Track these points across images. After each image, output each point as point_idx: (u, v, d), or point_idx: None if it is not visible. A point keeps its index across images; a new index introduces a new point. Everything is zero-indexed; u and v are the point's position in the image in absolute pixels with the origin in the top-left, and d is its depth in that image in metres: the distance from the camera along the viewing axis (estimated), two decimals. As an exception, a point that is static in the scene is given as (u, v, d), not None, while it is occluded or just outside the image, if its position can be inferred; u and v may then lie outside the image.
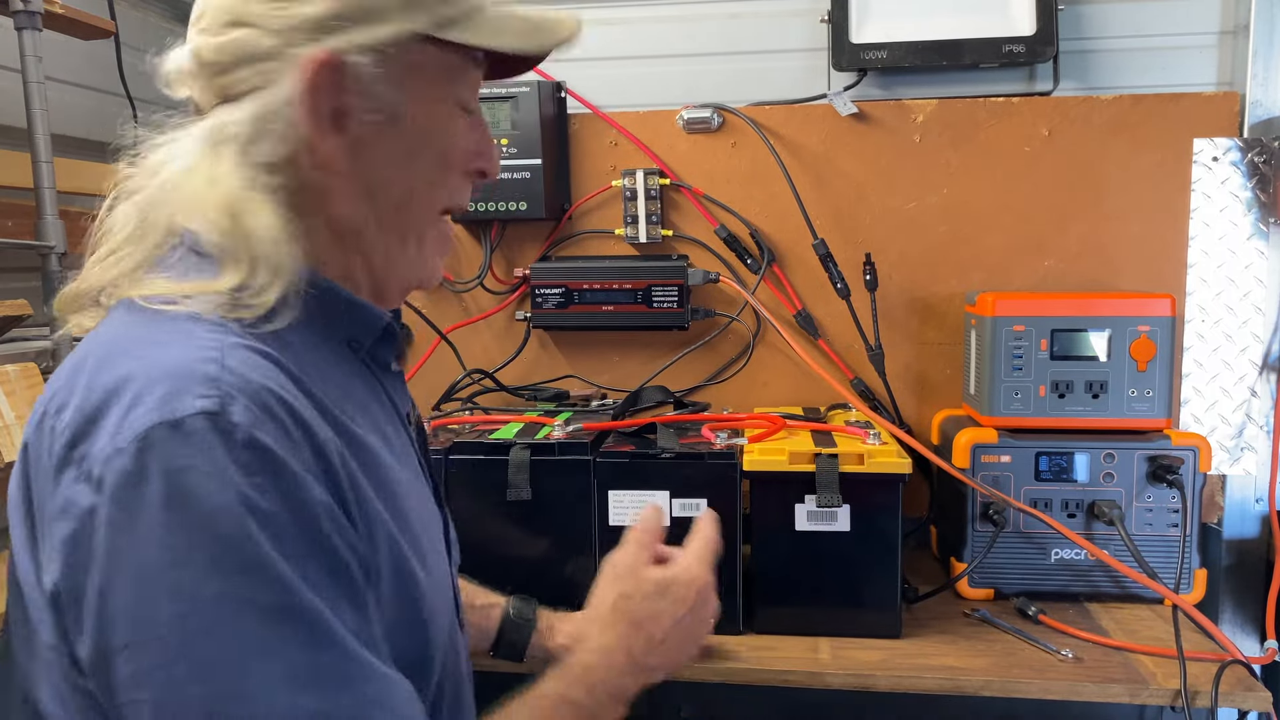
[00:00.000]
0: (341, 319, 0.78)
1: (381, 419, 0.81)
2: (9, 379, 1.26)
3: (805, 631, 1.42)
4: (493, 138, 0.85)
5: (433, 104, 0.79)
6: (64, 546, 0.61)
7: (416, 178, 0.79)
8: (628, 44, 1.91)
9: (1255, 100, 1.69)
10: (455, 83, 0.80)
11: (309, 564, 0.62)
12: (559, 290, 1.81)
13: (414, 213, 0.81)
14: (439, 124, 0.79)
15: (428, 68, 0.77)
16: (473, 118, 0.83)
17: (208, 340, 0.66)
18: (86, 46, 1.58)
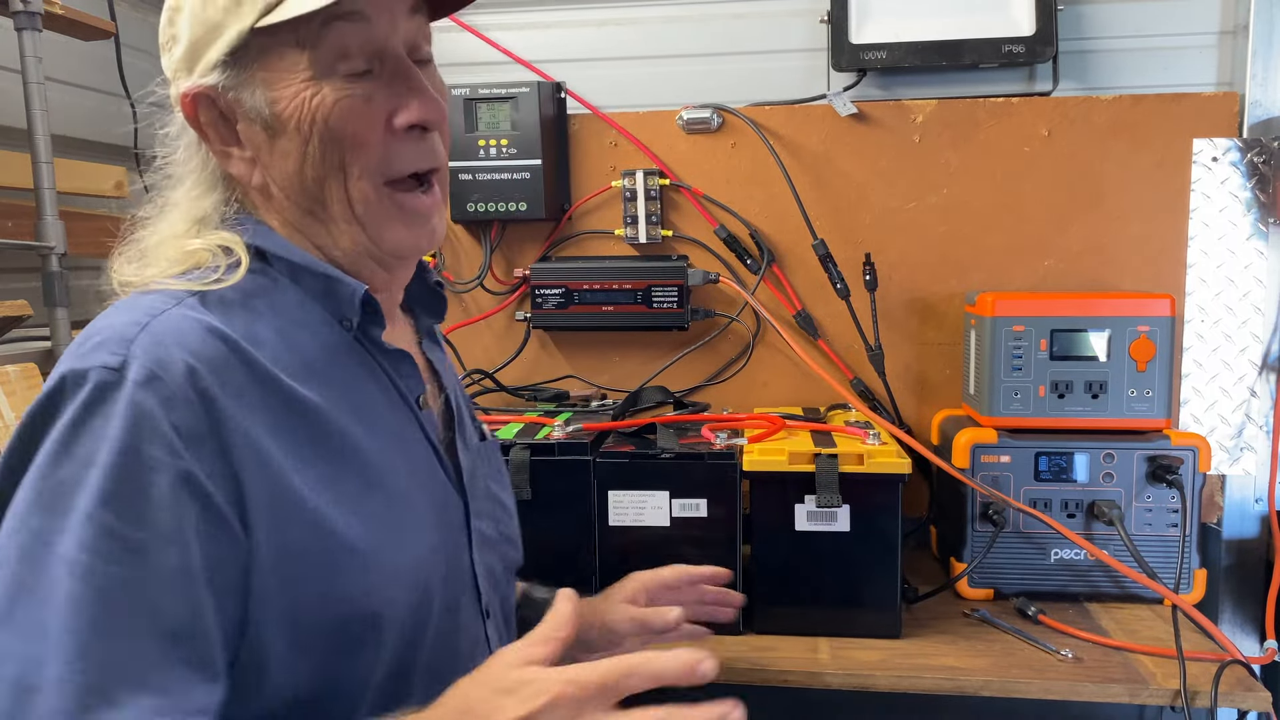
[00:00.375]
0: (323, 291, 0.82)
1: (374, 396, 0.83)
2: (9, 379, 1.26)
3: (805, 631, 1.42)
4: (419, 85, 0.80)
5: (295, 87, 0.78)
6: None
7: (315, 166, 0.79)
8: (628, 44, 1.91)
9: (1255, 100, 1.69)
10: (318, 57, 0.77)
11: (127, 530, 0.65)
12: (559, 290, 1.81)
13: (327, 198, 0.81)
14: (306, 104, 0.78)
15: (282, 56, 0.78)
16: (379, 76, 0.80)
17: (152, 306, 0.74)
18: (86, 46, 1.58)
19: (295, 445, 0.74)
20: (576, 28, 1.91)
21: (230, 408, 0.71)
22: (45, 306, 1.39)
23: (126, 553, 0.65)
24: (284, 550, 0.72)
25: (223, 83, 0.78)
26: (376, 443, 0.80)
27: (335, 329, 0.83)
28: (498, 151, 1.79)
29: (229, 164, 0.82)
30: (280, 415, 0.74)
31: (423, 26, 0.83)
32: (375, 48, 0.79)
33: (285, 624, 0.72)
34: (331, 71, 0.78)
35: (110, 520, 0.65)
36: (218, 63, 0.78)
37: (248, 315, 0.77)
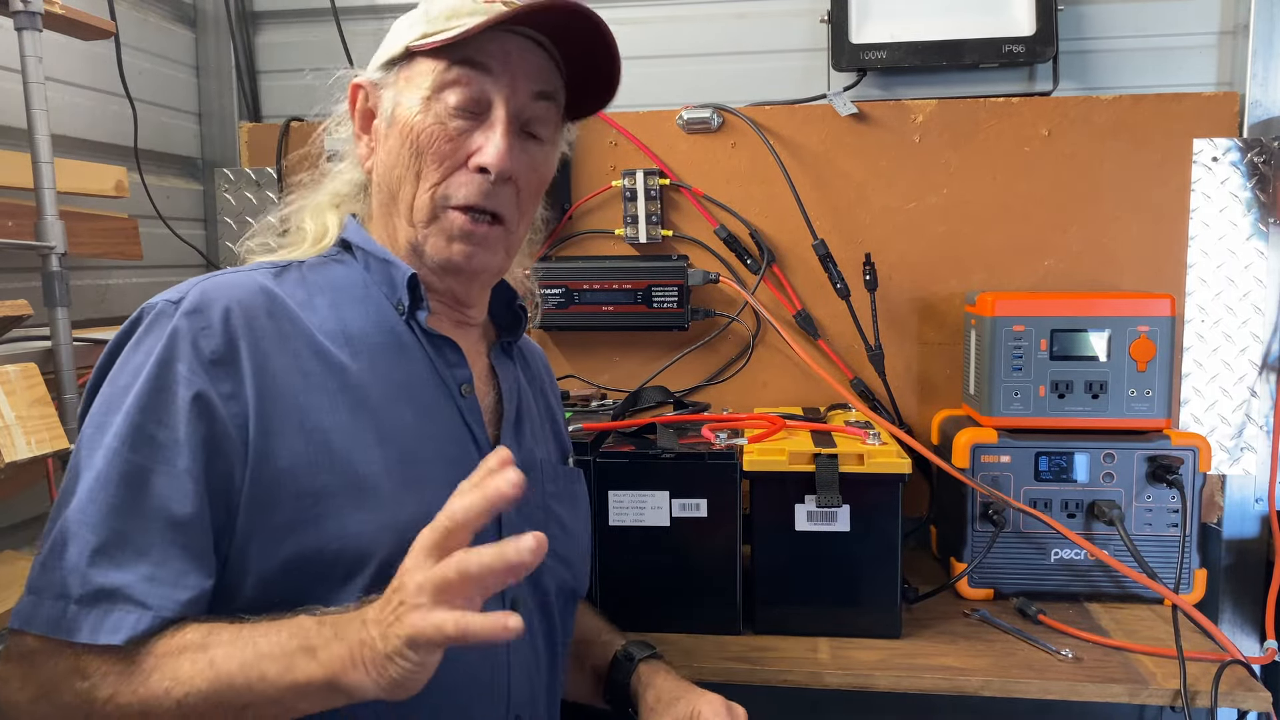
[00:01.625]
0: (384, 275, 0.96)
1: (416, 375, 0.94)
2: (9, 379, 1.25)
3: (805, 631, 1.42)
4: (501, 137, 0.92)
5: (412, 103, 0.93)
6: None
7: (399, 168, 0.93)
8: (628, 44, 1.87)
9: (1255, 100, 1.69)
10: (440, 86, 0.92)
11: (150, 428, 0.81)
12: (559, 290, 1.81)
13: (400, 197, 0.94)
14: (411, 118, 0.92)
15: (418, 74, 0.93)
16: (476, 118, 0.93)
17: (230, 272, 0.91)
18: (86, 46, 1.58)
19: (321, 389, 0.87)
20: (576, 28, 1.91)
21: (255, 346, 0.85)
22: (45, 306, 1.38)
23: (148, 446, 0.80)
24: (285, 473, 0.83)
25: (377, 80, 0.97)
26: (400, 411, 0.90)
27: (389, 311, 0.95)
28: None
29: (359, 146, 0.99)
30: (310, 365, 0.87)
31: (549, 111, 0.96)
32: (486, 98, 0.92)
33: (270, 540, 0.82)
34: (440, 99, 0.92)
35: (140, 418, 0.80)
36: (381, 65, 0.97)
37: (311, 288, 0.93)
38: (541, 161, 0.98)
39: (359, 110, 0.99)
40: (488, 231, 0.94)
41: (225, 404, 0.82)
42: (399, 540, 0.81)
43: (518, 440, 1.02)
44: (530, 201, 0.98)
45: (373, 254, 0.96)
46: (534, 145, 0.96)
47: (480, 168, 0.91)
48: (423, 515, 0.81)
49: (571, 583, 1.06)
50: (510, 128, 0.92)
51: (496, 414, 1.02)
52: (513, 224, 0.96)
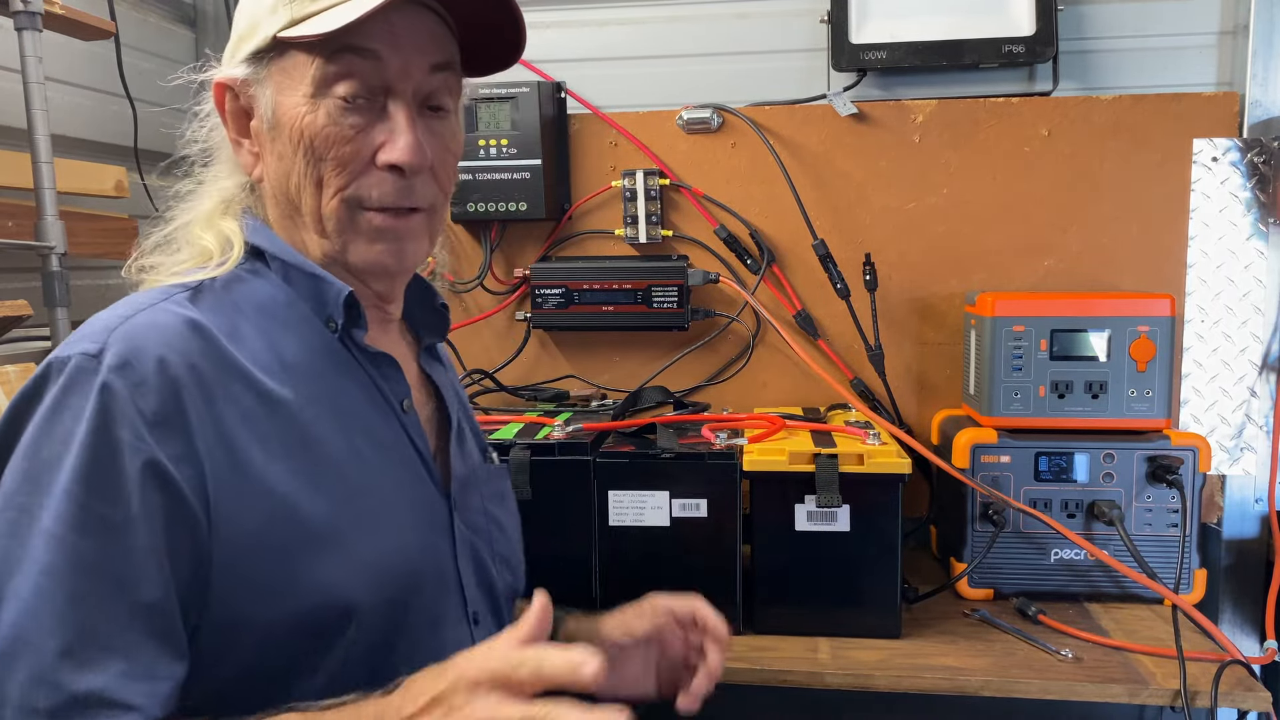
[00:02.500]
0: (311, 291, 0.86)
1: (354, 396, 0.86)
2: (9, 379, 1.26)
3: (805, 631, 1.42)
4: (407, 128, 0.83)
5: (295, 101, 0.82)
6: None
7: (294, 175, 0.84)
8: (628, 44, 1.91)
9: (1255, 100, 1.69)
10: (325, 78, 0.82)
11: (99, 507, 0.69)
12: (559, 290, 1.81)
13: (302, 207, 0.85)
14: (299, 118, 0.82)
15: (295, 68, 0.83)
16: (371, 109, 0.83)
17: (140, 302, 0.78)
18: (86, 46, 1.58)
19: (264, 437, 0.77)
20: (576, 28, 1.91)
21: (198, 397, 0.74)
22: (45, 306, 1.39)
23: (99, 528, 0.69)
24: (250, 535, 0.75)
25: (246, 77, 0.85)
26: (349, 440, 0.83)
27: (320, 329, 0.86)
28: (498, 151, 1.79)
29: (239, 154, 0.88)
30: (251, 408, 0.77)
31: (448, 81, 0.87)
32: (380, 84, 0.83)
33: (253, 607, 0.75)
34: (328, 94, 0.82)
35: (84, 496, 0.69)
36: (246, 58, 0.84)
37: (233, 312, 0.81)
38: (451, 135, 0.89)
39: (230, 112, 0.87)
40: (410, 223, 0.86)
41: (178, 468, 0.72)
42: (373, 580, 0.80)
43: (462, 451, 0.97)
44: (449, 179, 0.90)
45: (294, 265, 0.86)
46: (439, 121, 0.87)
47: (391, 165, 0.83)
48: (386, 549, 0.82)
49: (514, 584, 1.03)
50: (412, 113, 0.84)
51: (434, 424, 0.96)
52: (435, 208, 0.89)
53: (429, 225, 0.89)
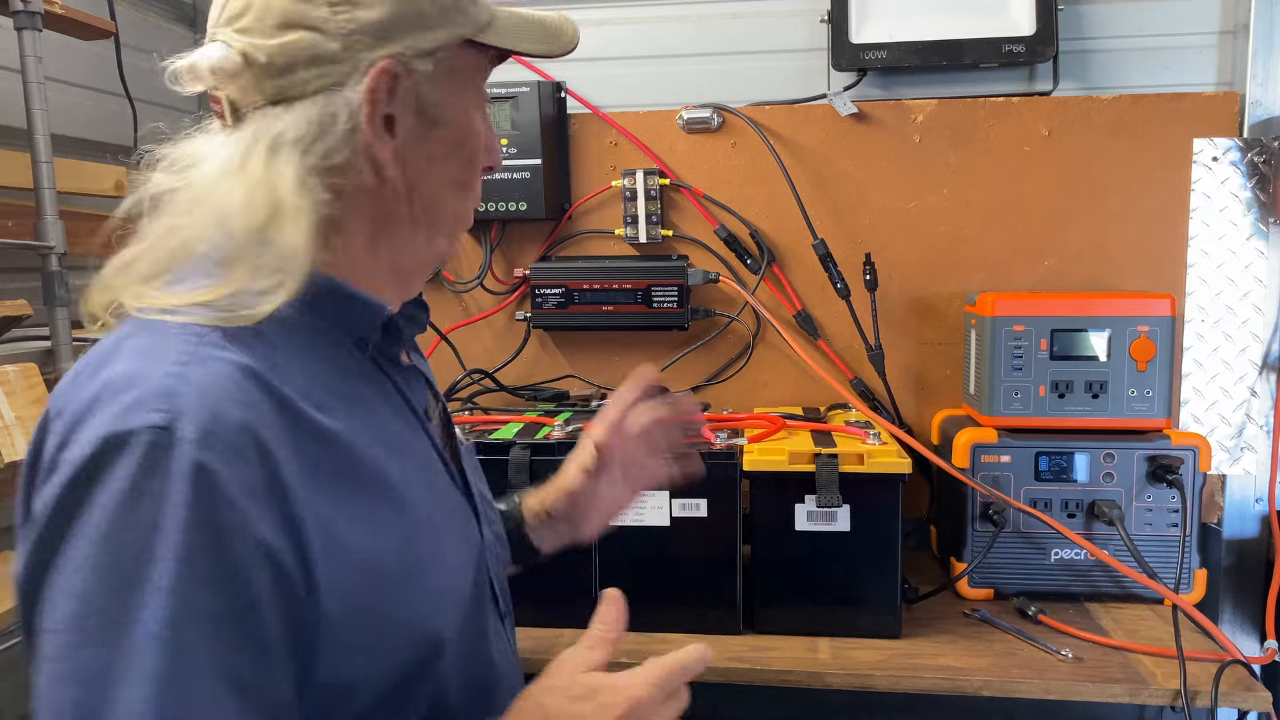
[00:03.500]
0: (342, 314, 0.78)
1: (388, 416, 0.81)
2: (9, 379, 1.26)
3: (805, 631, 1.42)
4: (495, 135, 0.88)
5: (466, 106, 0.82)
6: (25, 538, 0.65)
7: (448, 177, 0.82)
8: (628, 44, 1.91)
9: (1255, 100, 1.69)
10: (480, 83, 0.84)
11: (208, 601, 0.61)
12: (559, 290, 1.81)
13: (444, 210, 0.83)
14: (469, 124, 0.82)
15: (463, 71, 0.81)
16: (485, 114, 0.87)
17: (178, 352, 0.67)
18: (86, 46, 1.58)
19: (330, 483, 0.71)
20: (576, 28, 1.91)
21: (283, 457, 0.67)
22: (45, 306, 1.39)
23: (211, 624, 0.62)
24: (346, 593, 0.69)
25: (419, 70, 0.77)
26: (399, 464, 0.78)
27: (347, 351, 0.79)
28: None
29: (380, 148, 0.76)
30: (313, 452, 0.70)
31: None
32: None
33: (355, 667, 0.70)
34: (480, 101, 0.84)
35: (191, 591, 0.61)
36: (425, 51, 0.77)
37: (266, 346, 0.71)
38: None
39: (384, 98, 0.75)
40: None
41: (281, 541, 0.65)
42: (451, 604, 0.80)
43: (452, 444, 0.95)
44: None
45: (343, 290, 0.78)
46: None
47: (489, 167, 0.87)
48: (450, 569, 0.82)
49: (508, 558, 1.07)
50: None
51: (439, 422, 0.94)
52: None
53: None
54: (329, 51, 0.74)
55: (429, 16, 0.77)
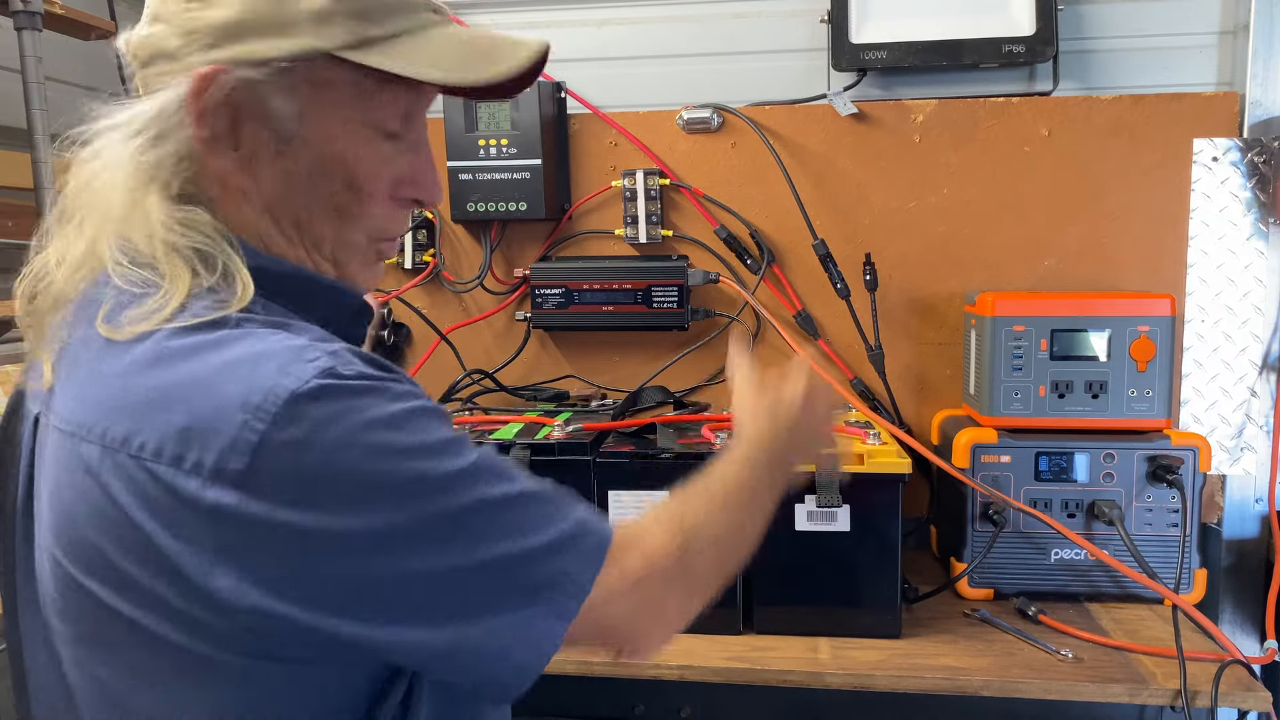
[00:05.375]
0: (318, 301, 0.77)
1: None
2: (9, 379, 1.26)
3: (805, 631, 1.42)
4: (433, 164, 0.81)
5: (338, 127, 0.74)
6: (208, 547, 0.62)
7: (318, 202, 0.76)
8: (628, 44, 1.91)
9: (1255, 100, 1.69)
10: (371, 106, 0.75)
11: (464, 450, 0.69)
12: (559, 290, 1.81)
13: (322, 236, 0.77)
14: (342, 148, 0.75)
15: (334, 88, 0.74)
16: (405, 142, 0.78)
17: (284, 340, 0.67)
18: (86, 46, 1.58)
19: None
20: (576, 28, 1.91)
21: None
22: (45, 306, 1.39)
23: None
24: None
25: (257, 78, 0.71)
26: None
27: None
28: (498, 151, 1.79)
29: (214, 157, 0.73)
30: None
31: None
32: (410, 113, 0.78)
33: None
34: (370, 124, 0.76)
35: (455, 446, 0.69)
36: (265, 59, 0.71)
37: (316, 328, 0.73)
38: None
39: (210, 108, 0.71)
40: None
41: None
42: None
43: None
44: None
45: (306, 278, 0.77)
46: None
47: (416, 200, 0.80)
48: None
49: None
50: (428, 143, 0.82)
51: None
52: None
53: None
54: (169, 49, 0.72)
55: (280, 25, 0.71)
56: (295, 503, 0.61)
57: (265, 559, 0.62)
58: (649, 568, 0.76)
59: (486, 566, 0.68)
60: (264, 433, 0.61)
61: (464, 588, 0.67)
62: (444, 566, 0.66)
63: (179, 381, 0.64)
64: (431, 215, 1.89)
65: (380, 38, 0.73)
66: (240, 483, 0.61)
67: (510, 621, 0.68)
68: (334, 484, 0.62)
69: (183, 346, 0.66)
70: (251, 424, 0.61)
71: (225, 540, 0.62)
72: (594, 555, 0.73)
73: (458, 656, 0.68)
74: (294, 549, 0.62)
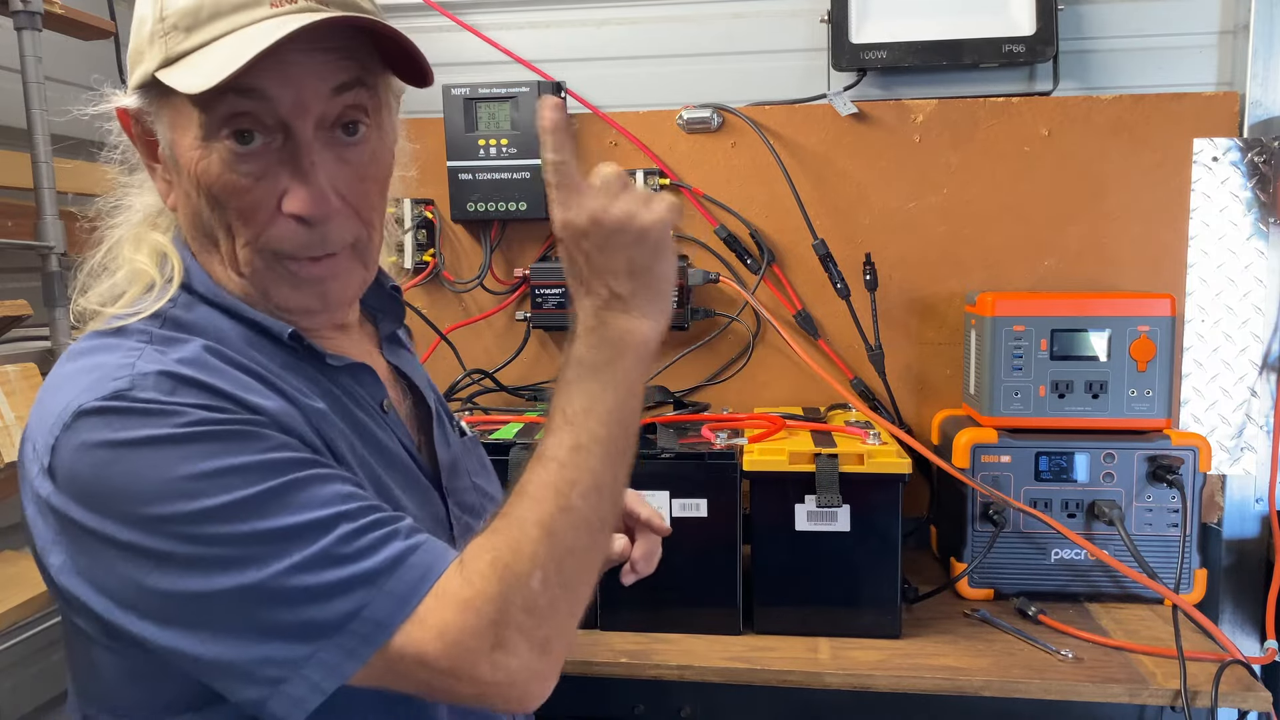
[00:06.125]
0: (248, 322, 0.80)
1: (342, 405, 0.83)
2: (9, 379, 1.26)
3: (805, 631, 1.42)
4: (305, 171, 0.75)
5: (188, 145, 0.75)
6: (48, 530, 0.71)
7: (205, 217, 0.77)
8: (628, 44, 1.91)
9: (1255, 100, 1.69)
10: (207, 120, 0.73)
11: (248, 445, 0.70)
12: (559, 290, 1.81)
13: (225, 250, 0.78)
14: (201, 172, 0.75)
15: (180, 106, 0.75)
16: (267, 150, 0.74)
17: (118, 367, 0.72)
18: (86, 46, 1.58)
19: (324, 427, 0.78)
20: (576, 28, 1.91)
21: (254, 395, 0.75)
22: (45, 306, 1.39)
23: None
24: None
25: (141, 107, 0.79)
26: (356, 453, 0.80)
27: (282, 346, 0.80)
28: (498, 151, 1.79)
29: (154, 178, 0.82)
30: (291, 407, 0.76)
31: (359, 97, 0.77)
32: (276, 121, 0.74)
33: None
34: (218, 137, 0.74)
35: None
36: (137, 88, 0.78)
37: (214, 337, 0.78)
38: (370, 159, 0.79)
39: (137, 136, 0.81)
40: (332, 265, 0.79)
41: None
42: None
43: (445, 438, 0.94)
44: (372, 207, 0.81)
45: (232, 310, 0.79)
46: (353, 147, 0.78)
47: (296, 215, 0.75)
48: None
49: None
50: (313, 152, 0.74)
51: (414, 418, 0.94)
52: (363, 238, 0.81)
53: (357, 257, 0.81)
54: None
55: (140, 52, 0.76)
56: (80, 503, 0.68)
57: (72, 547, 0.70)
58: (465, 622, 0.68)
59: (257, 594, 0.66)
60: (57, 438, 0.69)
61: (232, 612, 0.67)
62: (211, 589, 0.66)
63: (52, 379, 0.75)
64: (431, 215, 1.89)
65: (187, 51, 0.73)
66: (50, 477, 0.69)
67: (281, 652, 0.66)
68: (104, 494, 0.68)
69: (75, 349, 0.77)
70: (53, 429, 0.69)
71: (51, 525, 0.70)
72: (402, 599, 0.67)
73: (228, 676, 0.68)
74: (86, 543, 0.69)
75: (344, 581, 0.67)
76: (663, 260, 0.78)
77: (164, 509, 0.66)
